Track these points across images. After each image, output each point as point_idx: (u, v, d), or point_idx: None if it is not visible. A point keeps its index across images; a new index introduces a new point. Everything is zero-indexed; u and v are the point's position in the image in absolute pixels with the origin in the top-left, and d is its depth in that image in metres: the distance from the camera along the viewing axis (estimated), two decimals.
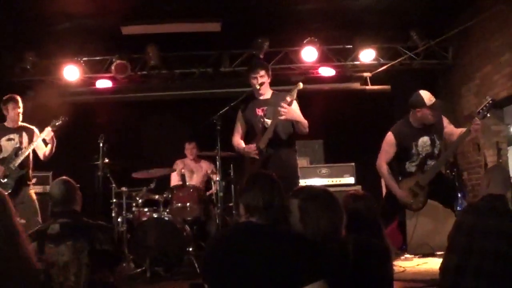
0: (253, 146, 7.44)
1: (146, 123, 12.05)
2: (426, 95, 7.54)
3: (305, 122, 7.46)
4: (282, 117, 7.20)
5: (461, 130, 7.60)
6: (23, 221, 8.70)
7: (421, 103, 7.51)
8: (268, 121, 7.37)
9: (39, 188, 10.15)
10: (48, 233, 4.71)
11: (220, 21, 10.35)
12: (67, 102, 11.44)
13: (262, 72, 7.62)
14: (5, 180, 8.17)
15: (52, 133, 8.41)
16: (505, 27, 9.38)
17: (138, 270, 8.32)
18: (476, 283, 4.46)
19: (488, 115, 7.50)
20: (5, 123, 8.53)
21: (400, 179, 7.86)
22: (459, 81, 11.32)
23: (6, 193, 7.93)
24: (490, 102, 7.32)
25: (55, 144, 8.48)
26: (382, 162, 7.88)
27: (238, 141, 7.81)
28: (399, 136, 7.78)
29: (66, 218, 4.84)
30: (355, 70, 11.92)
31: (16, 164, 8.20)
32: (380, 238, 4.32)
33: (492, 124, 10.07)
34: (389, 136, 7.86)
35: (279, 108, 7.15)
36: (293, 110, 7.29)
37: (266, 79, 7.65)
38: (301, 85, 7.35)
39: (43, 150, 8.48)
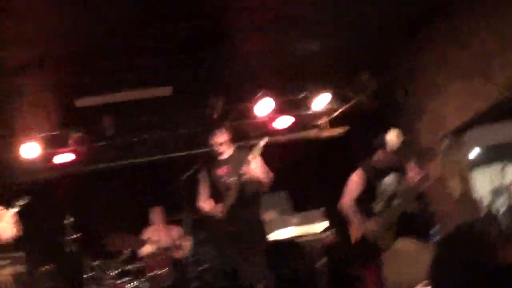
0: (218, 208, 7.44)
1: (111, 193, 11.97)
2: (391, 138, 7.56)
3: (267, 179, 7.49)
4: (244, 177, 7.23)
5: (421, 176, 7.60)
6: None
7: (383, 145, 7.57)
8: (232, 180, 7.39)
9: (13, 269, 10.05)
10: None
11: (171, 85, 10.43)
12: (29, 180, 11.37)
13: (220, 131, 7.67)
14: None
15: (15, 216, 8.32)
16: (445, 61, 9.61)
17: None
18: None
19: (450, 151, 7.57)
20: None
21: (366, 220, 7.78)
22: (411, 118, 11.45)
23: None
24: (448, 143, 7.39)
25: (19, 226, 8.39)
26: (347, 201, 7.83)
27: (204, 202, 7.81)
28: (366, 174, 7.77)
29: None
30: (310, 117, 12.00)
31: None
32: None
33: (451, 154, 10.20)
34: (357, 174, 7.84)
35: (242, 169, 7.19)
36: (254, 170, 7.32)
37: (226, 138, 7.70)
38: (263, 142, 7.39)
39: (8, 233, 8.36)
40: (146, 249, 10.15)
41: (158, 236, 10.46)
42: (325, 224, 10.41)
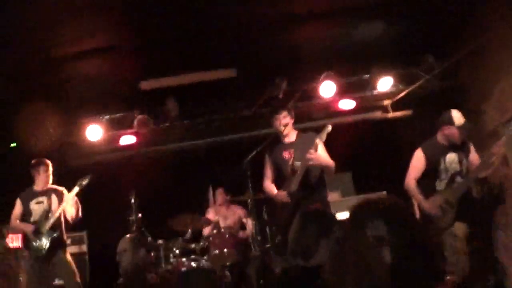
0: (283, 194, 7.42)
1: (174, 174, 12.04)
2: (457, 115, 7.49)
3: (332, 165, 7.45)
4: (310, 163, 7.21)
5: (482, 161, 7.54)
6: (61, 281, 8.80)
7: (450, 121, 7.47)
8: (298, 164, 7.36)
9: (75, 248, 10.23)
10: None
11: (235, 67, 10.45)
12: (94, 162, 11.53)
13: (284, 113, 7.64)
14: (38, 242, 8.20)
15: (75, 198, 8.47)
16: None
17: None
18: None
19: None
20: (34, 187, 8.63)
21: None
22: (477, 98, 11.25)
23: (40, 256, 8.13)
24: None
25: (80, 208, 8.54)
26: (411, 179, 7.76)
27: (269, 186, 7.81)
28: (428, 151, 7.70)
29: None
30: (375, 99, 11.88)
31: (47, 227, 8.24)
32: None
33: None
34: (418, 152, 7.78)
35: (307, 155, 7.16)
36: (320, 156, 7.30)
37: (289, 120, 7.67)
38: (329, 127, 7.36)
39: (70, 213, 8.52)
40: (209, 229, 10.22)
41: (221, 215, 10.56)
42: None
